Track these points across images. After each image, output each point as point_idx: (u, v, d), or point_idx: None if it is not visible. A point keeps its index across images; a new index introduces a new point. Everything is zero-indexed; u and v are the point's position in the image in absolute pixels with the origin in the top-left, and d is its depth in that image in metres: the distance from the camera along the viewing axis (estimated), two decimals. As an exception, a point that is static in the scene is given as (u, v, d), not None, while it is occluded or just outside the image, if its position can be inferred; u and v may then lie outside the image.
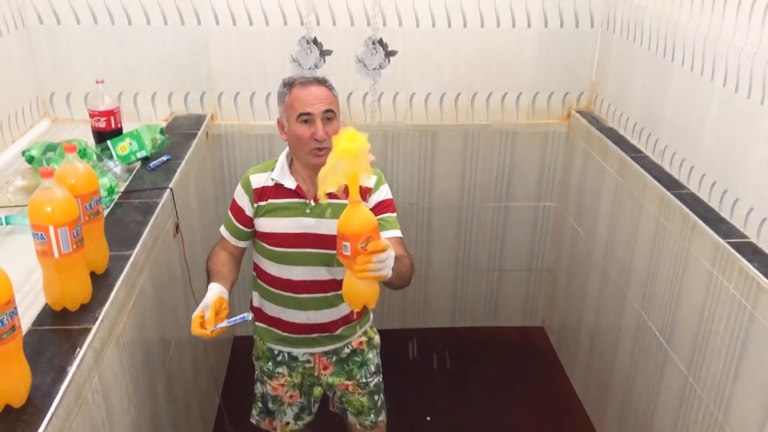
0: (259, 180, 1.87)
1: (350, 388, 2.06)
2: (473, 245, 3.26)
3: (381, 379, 2.12)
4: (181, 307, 2.26)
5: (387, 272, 1.53)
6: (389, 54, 2.84)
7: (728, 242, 1.85)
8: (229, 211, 1.93)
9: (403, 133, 2.98)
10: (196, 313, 1.65)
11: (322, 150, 1.74)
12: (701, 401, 1.97)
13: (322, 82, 1.81)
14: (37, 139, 2.56)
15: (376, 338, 2.12)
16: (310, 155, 1.77)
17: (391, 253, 1.53)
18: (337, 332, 1.97)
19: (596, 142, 2.75)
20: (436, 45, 2.84)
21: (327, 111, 1.76)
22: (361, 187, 1.52)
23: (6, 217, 1.83)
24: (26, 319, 1.41)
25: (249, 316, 1.71)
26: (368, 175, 1.54)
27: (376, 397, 2.09)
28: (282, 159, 1.88)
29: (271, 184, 1.85)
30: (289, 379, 2.04)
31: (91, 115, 2.32)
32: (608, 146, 2.63)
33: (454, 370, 3.19)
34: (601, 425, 2.76)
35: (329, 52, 2.81)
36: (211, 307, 1.66)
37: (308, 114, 1.75)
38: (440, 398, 3.02)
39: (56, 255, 1.37)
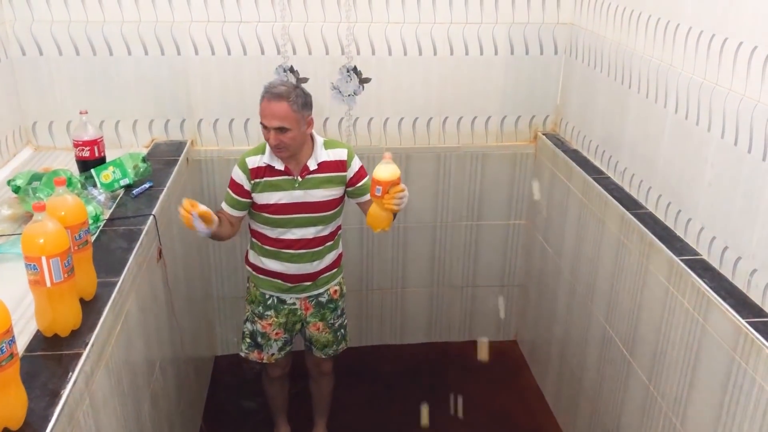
0: (253, 161, 2.28)
1: (320, 328, 2.55)
2: (447, 263, 3.38)
3: (344, 319, 2.65)
4: (165, 330, 2.33)
5: (403, 206, 2.10)
6: (363, 81, 2.96)
7: (682, 259, 1.98)
8: (228, 189, 2.33)
9: (378, 157, 3.06)
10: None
11: (279, 150, 2.19)
12: (661, 409, 2.09)
13: (285, 97, 2.15)
14: (20, 167, 2.63)
15: (344, 289, 2.63)
16: (273, 149, 2.22)
17: (407, 193, 2.08)
18: (319, 279, 2.45)
19: (561, 163, 2.88)
20: (408, 72, 2.96)
21: (278, 128, 2.16)
22: (335, 161, 2.29)
23: (-6, 246, 1.90)
24: (19, 345, 1.47)
25: (206, 232, 2.18)
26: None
27: (338, 334, 2.61)
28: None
29: (264, 165, 2.26)
30: (275, 319, 2.49)
31: (75, 145, 2.39)
32: (573, 167, 2.76)
33: (431, 384, 3.28)
34: (572, 435, 2.87)
35: (305, 80, 2.92)
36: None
37: (265, 126, 2.19)
38: (417, 412, 3.10)
39: (48, 284, 1.44)
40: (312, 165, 2.28)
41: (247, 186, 2.30)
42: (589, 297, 2.64)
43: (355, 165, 2.35)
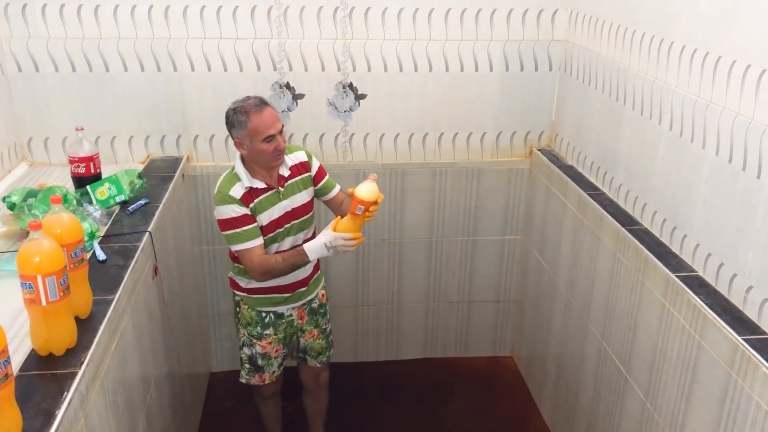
0: (236, 191, 2.23)
1: (315, 334, 2.59)
2: (443, 278, 3.38)
3: (331, 323, 2.69)
4: (160, 347, 2.32)
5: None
6: (359, 97, 2.97)
7: (678, 276, 1.99)
8: (239, 227, 2.23)
9: (374, 172, 3.08)
10: (345, 238, 2.16)
11: (279, 156, 2.23)
12: (658, 425, 2.09)
13: (267, 103, 2.22)
14: (15, 183, 2.62)
15: (327, 294, 2.69)
16: (272, 161, 2.23)
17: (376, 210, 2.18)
18: (310, 283, 2.50)
19: (557, 179, 2.89)
20: (404, 88, 2.98)
21: (281, 128, 2.21)
22: (300, 163, 2.35)
23: (-11, 264, 1.89)
24: (14, 364, 1.47)
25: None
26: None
27: (329, 339, 2.66)
28: (241, 169, 2.25)
29: (247, 189, 2.23)
30: (275, 336, 2.49)
31: (71, 161, 2.39)
32: (568, 183, 2.77)
33: (427, 400, 3.27)
34: (569, 451, 2.86)
35: (301, 96, 2.93)
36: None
37: (272, 136, 2.18)
38: (414, 428, 3.09)
39: (44, 303, 1.44)
40: (284, 172, 2.31)
41: (249, 212, 2.24)
42: (585, 313, 2.64)
43: (315, 163, 2.42)
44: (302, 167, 2.37)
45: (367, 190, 2.12)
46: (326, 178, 2.44)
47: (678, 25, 2.07)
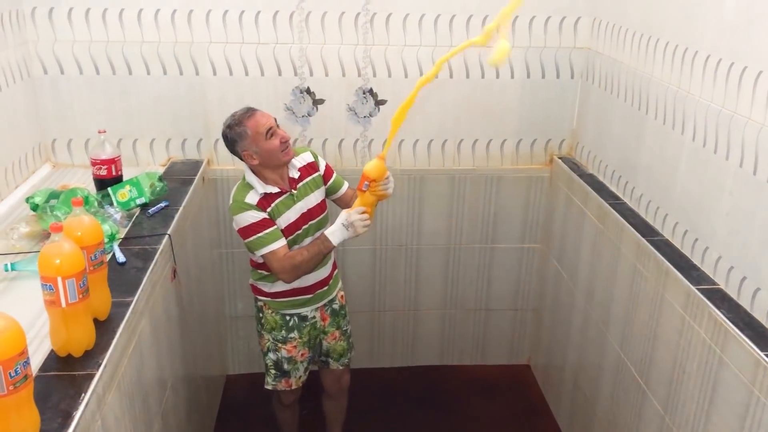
0: (252, 198, 2.25)
1: (337, 336, 2.61)
2: (460, 285, 3.36)
3: (350, 324, 2.71)
4: (177, 349, 2.33)
5: (390, 191, 2.27)
6: (379, 103, 2.97)
7: (699, 289, 1.96)
8: (260, 231, 2.24)
9: (393, 178, 3.08)
10: (359, 212, 2.18)
11: (288, 149, 2.26)
12: (677, 441, 2.06)
13: (253, 107, 2.28)
14: (39, 183, 2.66)
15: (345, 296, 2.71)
16: (282, 156, 2.24)
17: (392, 180, 2.26)
18: (330, 283, 2.52)
19: (577, 187, 2.87)
20: (424, 94, 2.92)
21: (276, 121, 2.27)
22: (308, 164, 2.38)
23: (12, 264, 1.91)
24: (33, 365, 1.48)
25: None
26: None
27: (350, 340, 2.69)
28: (252, 178, 2.27)
29: (262, 195, 2.25)
30: (300, 339, 2.50)
31: (93, 164, 2.42)
32: (588, 192, 2.75)
33: (442, 407, 3.26)
34: (585, 463, 2.83)
35: (321, 101, 2.94)
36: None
37: (271, 127, 2.22)
38: (428, 436, 3.09)
39: (63, 304, 1.46)
40: (294, 174, 2.33)
41: (267, 216, 2.25)
42: (603, 323, 2.61)
43: (322, 162, 2.45)
44: (311, 168, 2.40)
45: (372, 166, 2.17)
46: (335, 175, 2.48)
47: (702, 34, 2.04)
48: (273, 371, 2.53)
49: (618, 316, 2.49)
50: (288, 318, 2.47)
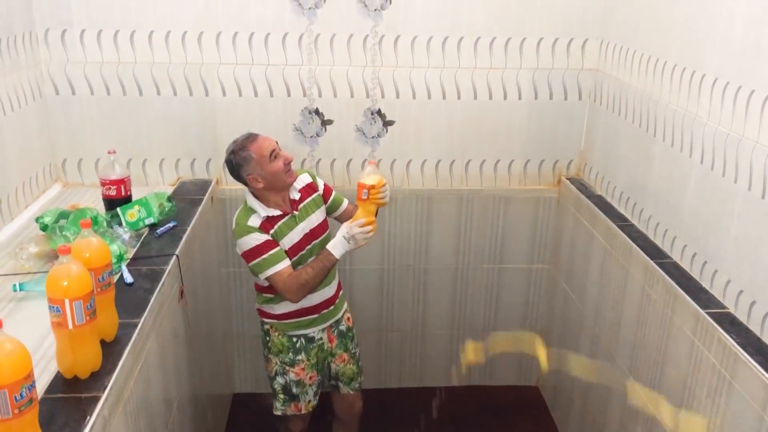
0: (254, 221, 2.27)
1: (345, 359, 2.59)
2: (468, 306, 3.35)
3: (358, 348, 2.69)
4: (184, 369, 2.33)
5: (387, 199, 2.27)
6: (387, 123, 2.99)
7: (708, 312, 1.94)
8: (265, 253, 2.25)
9: (401, 198, 3.10)
10: (360, 224, 2.20)
11: (291, 170, 2.29)
12: (686, 467, 2.03)
13: (257, 133, 2.32)
14: (49, 203, 2.68)
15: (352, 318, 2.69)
16: (286, 178, 2.28)
17: (388, 187, 2.27)
18: (337, 301, 2.51)
19: (585, 208, 2.86)
20: (432, 115, 2.99)
21: (277, 143, 2.30)
22: (307, 185, 2.40)
23: (20, 284, 1.92)
24: (39, 387, 1.49)
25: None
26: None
27: (359, 363, 2.67)
28: (254, 202, 2.30)
29: (264, 218, 2.28)
30: (307, 362, 2.48)
31: (102, 184, 2.44)
32: (596, 213, 2.74)
33: (450, 428, 3.23)
34: (594, 487, 2.79)
35: (330, 122, 2.96)
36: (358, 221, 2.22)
37: (274, 149, 2.25)
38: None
39: (70, 326, 1.46)
40: (295, 195, 2.35)
41: (270, 238, 2.27)
42: (612, 345, 2.59)
43: (320, 182, 2.48)
44: (310, 188, 2.42)
45: (368, 173, 2.23)
46: (333, 193, 2.50)
47: (710, 57, 2.04)
48: (282, 396, 2.51)
49: (626, 339, 2.47)
50: (295, 339, 2.46)
